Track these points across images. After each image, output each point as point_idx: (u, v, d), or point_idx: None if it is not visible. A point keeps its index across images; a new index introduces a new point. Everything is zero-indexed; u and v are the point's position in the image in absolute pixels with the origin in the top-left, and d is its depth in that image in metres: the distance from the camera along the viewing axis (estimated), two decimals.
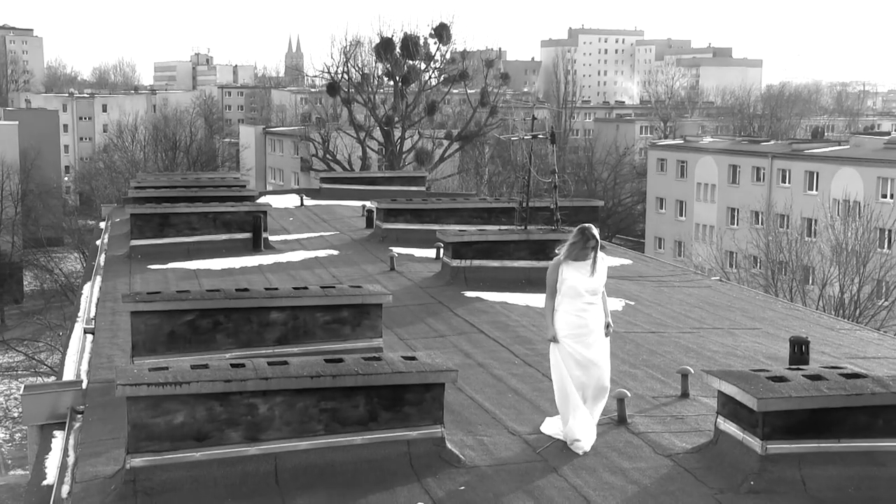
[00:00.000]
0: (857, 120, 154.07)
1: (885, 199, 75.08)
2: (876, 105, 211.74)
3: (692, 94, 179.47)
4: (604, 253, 10.91)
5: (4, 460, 59.08)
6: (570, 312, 10.37)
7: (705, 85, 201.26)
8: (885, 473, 9.42)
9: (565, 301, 10.40)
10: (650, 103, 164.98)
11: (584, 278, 10.38)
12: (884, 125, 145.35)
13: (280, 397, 9.61)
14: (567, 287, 10.39)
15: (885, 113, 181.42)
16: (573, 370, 10.36)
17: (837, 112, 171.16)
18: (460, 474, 9.74)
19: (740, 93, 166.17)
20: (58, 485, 9.94)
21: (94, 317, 17.46)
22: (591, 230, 10.53)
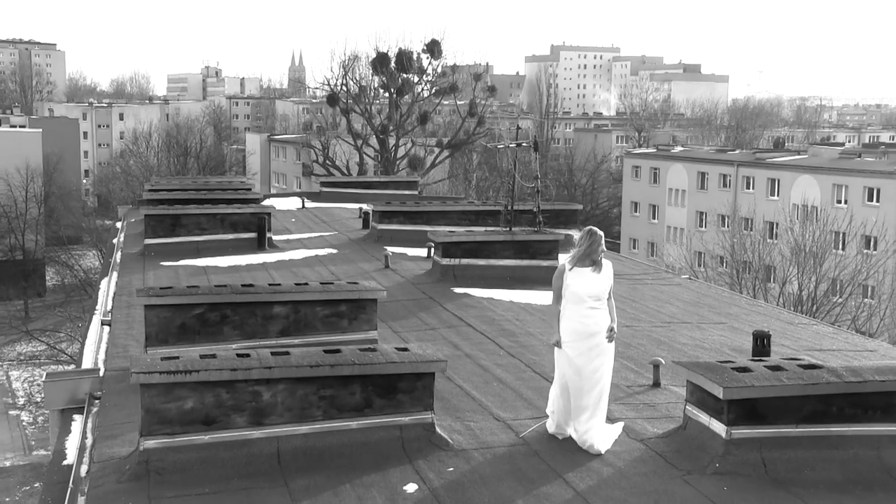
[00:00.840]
0: (814, 132, 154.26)
1: (839, 204, 75.30)
2: (832, 118, 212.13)
3: (664, 107, 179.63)
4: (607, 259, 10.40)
5: (28, 441, 59.01)
6: (574, 318, 10.01)
7: (676, 98, 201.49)
8: (838, 456, 9.44)
9: (569, 306, 10.05)
10: (626, 115, 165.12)
11: (588, 284, 9.98)
12: (838, 137, 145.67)
13: (282, 385, 9.61)
14: (570, 293, 10.03)
15: (839, 125, 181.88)
16: (573, 374, 10.01)
17: (797, 124, 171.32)
18: (449, 457, 9.74)
19: (708, 106, 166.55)
20: (77, 464, 9.94)
21: (110, 310, 17.44)
22: (597, 234, 10.18)
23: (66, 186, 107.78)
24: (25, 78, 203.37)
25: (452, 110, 68.44)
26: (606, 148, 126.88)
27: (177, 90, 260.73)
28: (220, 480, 9.09)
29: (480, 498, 8.79)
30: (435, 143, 67.48)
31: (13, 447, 58.88)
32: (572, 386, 10.01)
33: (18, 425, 62.60)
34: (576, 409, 10.02)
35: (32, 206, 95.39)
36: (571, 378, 10.01)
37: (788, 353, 13.61)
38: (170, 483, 9.03)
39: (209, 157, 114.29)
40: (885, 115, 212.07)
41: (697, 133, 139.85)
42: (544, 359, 13.72)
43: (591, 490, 8.98)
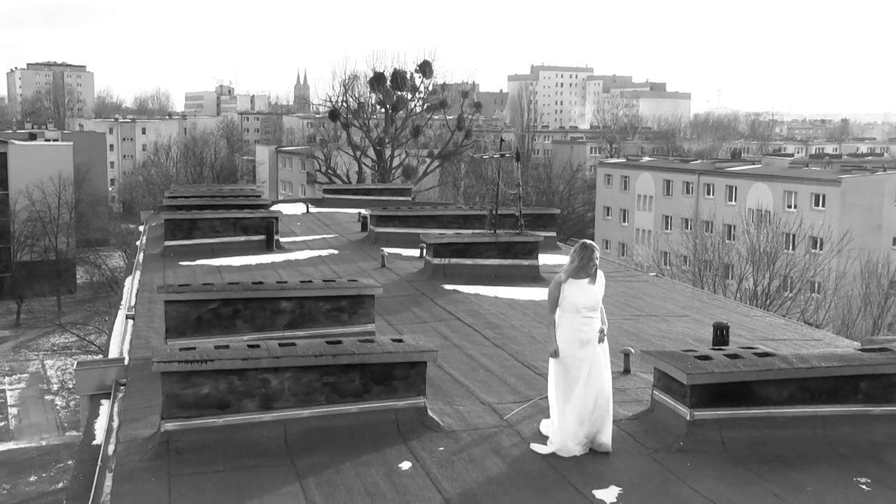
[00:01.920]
0: (767, 144, 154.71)
1: (790, 208, 75.48)
2: (782, 132, 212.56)
3: (633, 121, 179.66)
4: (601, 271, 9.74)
5: (62, 423, 59.10)
6: (571, 327, 9.37)
7: (644, 113, 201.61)
8: (788, 434, 9.47)
9: (565, 316, 9.42)
10: (599, 128, 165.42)
11: (585, 295, 9.38)
12: (788, 148, 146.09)
13: (289, 373, 9.60)
14: (568, 303, 9.40)
15: (789, 138, 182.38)
16: (572, 383, 9.32)
17: (751, 137, 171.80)
18: (440, 438, 9.73)
19: (673, 120, 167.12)
20: (105, 444, 9.93)
21: (134, 305, 17.40)
22: (592, 247, 9.55)
23: (94, 194, 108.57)
24: (58, 97, 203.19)
25: (442, 124, 68.42)
26: (581, 158, 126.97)
27: (193, 107, 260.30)
28: (233, 459, 9.08)
29: (468, 474, 8.78)
30: (426, 153, 67.49)
31: (48, 428, 59.18)
32: (575, 394, 9.29)
33: (53, 409, 62.85)
34: (601, 412, 9.33)
35: (64, 211, 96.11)
36: (571, 386, 9.33)
37: (745, 342, 13.62)
38: (188, 461, 9.03)
39: (223, 167, 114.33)
40: (828, 130, 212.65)
41: (663, 145, 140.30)
42: (526, 349, 13.73)
43: (568, 467, 8.98)
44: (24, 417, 61.50)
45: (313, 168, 72.28)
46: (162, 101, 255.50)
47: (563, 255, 24.76)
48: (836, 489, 8.58)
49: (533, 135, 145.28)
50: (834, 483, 8.71)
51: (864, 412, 9.76)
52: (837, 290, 56.65)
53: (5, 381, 69.45)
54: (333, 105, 66.13)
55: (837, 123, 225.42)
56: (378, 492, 8.37)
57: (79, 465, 10.31)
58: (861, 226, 70.07)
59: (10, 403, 64.29)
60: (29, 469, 52.35)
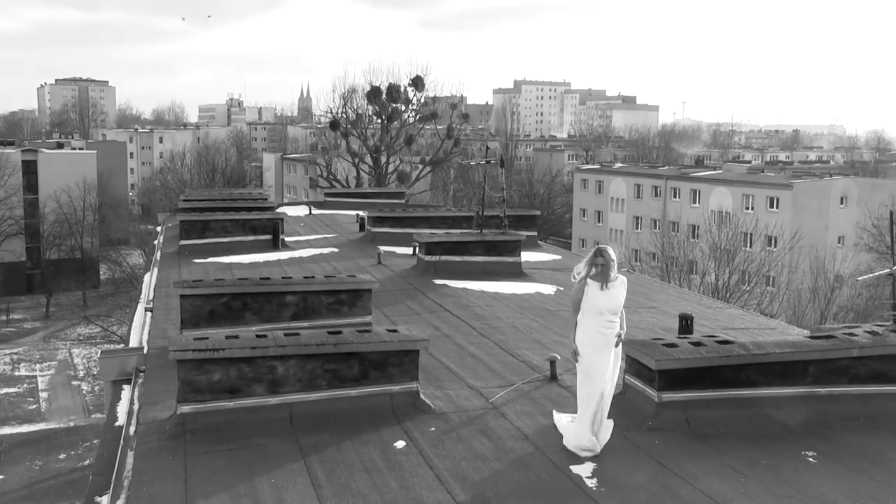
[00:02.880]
0: (727, 152, 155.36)
1: (748, 210, 75.81)
2: (741, 141, 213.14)
3: (607, 131, 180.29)
4: (622, 275, 9.05)
5: (87, 406, 59.09)
6: (592, 329, 8.69)
7: (616, 124, 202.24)
8: (746, 414, 9.50)
9: (587, 318, 8.74)
10: (575, 137, 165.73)
11: (608, 299, 8.68)
12: (746, 156, 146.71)
13: (293, 360, 9.59)
14: (591, 306, 8.70)
15: (747, 147, 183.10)
16: (591, 387, 8.75)
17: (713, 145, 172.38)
18: (431, 419, 9.74)
19: (642, 130, 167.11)
20: (126, 425, 9.93)
21: (152, 299, 17.37)
22: (601, 251, 8.87)
23: (115, 197, 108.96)
24: (83, 109, 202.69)
25: (433, 134, 68.32)
26: (560, 164, 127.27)
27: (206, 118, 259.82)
28: (243, 438, 9.07)
29: (457, 452, 8.79)
30: (419, 160, 67.50)
31: (75, 410, 59.32)
32: (592, 393, 8.77)
33: (79, 393, 62.97)
34: (590, 411, 8.82)
35: (89, 213, 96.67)
36: (588, 384, 8.79)
37: (707, 331, 13.65)
38: (202, 441, 9.01)
39: (233, 173, 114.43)
40: (782, 139, 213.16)
41: (633, 152, 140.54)
42: (510, 338, 13.74)
43: (548, 445, 9.00)
44: (54, 401, 61.71)
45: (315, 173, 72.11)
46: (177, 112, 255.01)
47: (544, 252, 24.82)
48: (786, 462, 8.63)
49: (516, 143, 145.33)
50: (785, 457, 8.76)
51: (813, 393, 9.81)
52: (789, 284, 56.92)
53: (36, 368, 69.76)
54: (334, 116, 66.07)
55: (789, 134, 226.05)
56: (375, 468, 8.38)
57: (103, 445, 10.31)
58: (810, 226, 70.42)
59: (41, 388, 64.61)
60: (59, 447, 52.59)
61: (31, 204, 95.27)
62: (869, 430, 9.49)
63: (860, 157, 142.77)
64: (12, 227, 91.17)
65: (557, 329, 14.42)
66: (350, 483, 8.02)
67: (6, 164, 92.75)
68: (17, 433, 55.10)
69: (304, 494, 7.77)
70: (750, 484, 8.05)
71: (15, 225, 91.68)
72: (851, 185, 79.62)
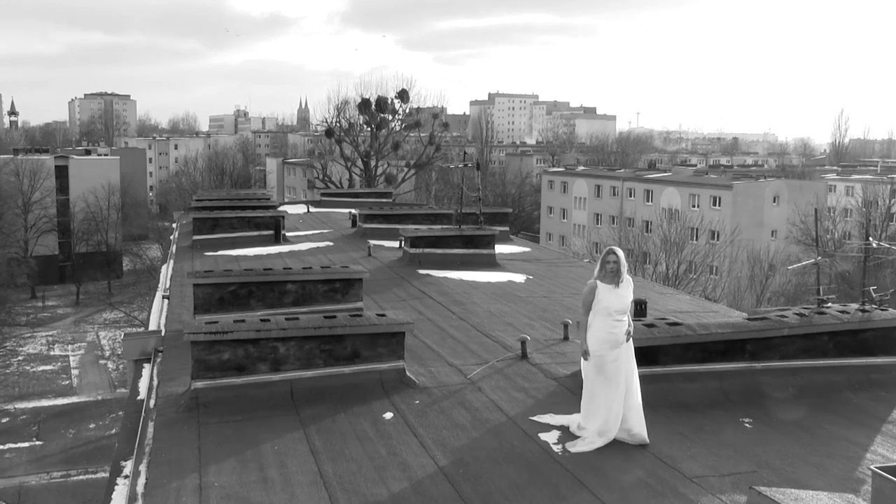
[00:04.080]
0: (676, 156, 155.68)
1: (694, 208, 76.15)
2: (688, 146, 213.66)
3: (570, 138, 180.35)
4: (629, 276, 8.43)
5: (112, 382, 59.21)
6: (603, 329, 8.11)
7: (579, 131, 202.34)
8: (693, 386, 9.54)
9: (598, 319, 8.13)
10: (543, 143, 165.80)
11: (616, 299, 8.11)
12: (692, 160, 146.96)
13: (293, 341, 9.57)
14: (602, 307, 8.10)
15: (693, 152, 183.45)
16: (602, 384, 8.17)
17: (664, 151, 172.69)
18: (416, 393, 9.73)
19: (602, 137, 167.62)
20: (147, 399, 9.91)
21: (168, 287, 17.28)
22: (610, 252, 8.26)
23: (136, 198, 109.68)
24: (108, 120, 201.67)
25: (417, 140, 68.08)
26: (529, 168, 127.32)
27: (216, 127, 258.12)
28: (249, 411, 9.05)
29: (438, 422, 8.79)
30: (404, 164, 67.29)
31: (102, 386, 59.76)
32: (604, 389, 8.17)
33: (106, 370, 63.28)
34: (628, 409, 8.15)
35: (113, 212, 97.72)
36: (600, 382, 8.19)
37: (659, 314, 13.69)
38: (213, 413, 8.99)
39: (239, 176, 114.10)
40: (723, 145, 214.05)
41: (594, 157, 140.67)
42: (485, 321, 13.75)
43: (519, 415, 9.01)
44: (84, 377, 62.25)
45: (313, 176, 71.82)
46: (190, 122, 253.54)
47: (515, 245, 24.82)
48: (727, 427, 8.70)
49: (490, 149, 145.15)
50: (726, 423, 8.83)
51: (750, 367, 9.87)
52: (730, 273, 57.23)
53: (68, 348, 70.33)
54: (329, 125, 65.85)
55: (730, 141, 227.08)
56: (366, 437, 8.36)
57: (127, 416, 10.28)
58: (747, 221, 70.83)
59: (73, 366, 65.27)
60: (88, 418, 53.12)
61: (62, 204, 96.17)
62: (796, 399, 9.58)
63: (790, 162, 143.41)
64: (47, 224, 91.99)
65: (528, 313, 14.44)
66: (344, 450, 8.00)
67: (41, 169, 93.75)
68: (52, 405, 55.75)
69: (304, 460, 7.75)
70: (695, 447, 8.09)
71: (49, 222, 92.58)
72: (782, 186, 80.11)
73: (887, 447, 8.23)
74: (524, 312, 14.48)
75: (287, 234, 24.76)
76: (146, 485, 7.27)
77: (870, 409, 9.33)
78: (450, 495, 7.00)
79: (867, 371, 10.16)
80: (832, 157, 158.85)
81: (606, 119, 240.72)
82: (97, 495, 27.52)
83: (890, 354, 10.32)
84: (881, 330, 10.29)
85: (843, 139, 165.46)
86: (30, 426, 51.83)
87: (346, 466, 7.59)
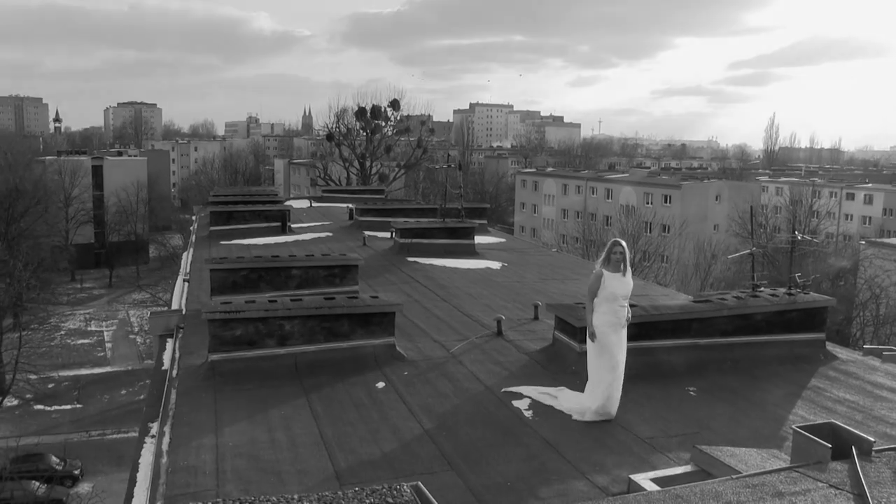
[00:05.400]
0: (632, 160, 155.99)
1: (648, 205, 76.34)
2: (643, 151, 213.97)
3: (541, 143, 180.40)
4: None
5: (141, 355, 59.15)
6: (609, 313, 7.80)
7: (548, 137, 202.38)
8: (647, 360, 9.56)
9: (604, 304, 7.81)
10: (517, 147, 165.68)
11: (621, 286, 7.83)
12: (647, 163, 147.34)
13: (298, 320, 9.53)
14: (608, 293, 7.77)
15: (647, 156, 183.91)
16: (606, 363, 7.88)
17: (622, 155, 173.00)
18: (405, 365, 9.72)
19: (568, 142, 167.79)
20: (170, 369, 9.86)
21: (189, 272, 17.18)
22: (616, 243, 7.93)
23: (161, 193, 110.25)
24: (138, 126, 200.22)
25: (407, 144, 67.94)
26: (504, 169, 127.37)
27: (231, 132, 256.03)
28: (259, 380, 9.02)
29: (425, 390, 8.79)
30: (395, 164, 67.13)
31: (131, 357, 60.12)
32: (620, 372, 7.92)
33: (135, 344, 63.49)
34: (611, 383, 7.94)
35: (141, 206, 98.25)
36: (611, 359, 7.88)
37: None
38: (228, 381, 8.95)
39: (251, 175, 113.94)
40: (673, 151, 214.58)
41: (562, 160, 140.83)
42: (465, 303, 13.73)
43: (495, 384, 9.02)
44: (116, 350, 62.58)
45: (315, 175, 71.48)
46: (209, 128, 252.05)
47: (492, 237, 24.81)
48: (674, 395, 8.73)
49: (470, 152, 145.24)
50: (673, 391, 8.86)
51: (695, 343, 9.90)
52: (678, 261, 57.47)
53: (103, 325, 70.88)
54: (329, 130, 65.65)
55: (678, 147, 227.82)
56: (361, 403, 8.35)
57: (153, 384, 10.25)
58: (694, 217, 71.10)
59: (107, 340, 65.84)
60: (120, 385, 53.69)
61: (97, 199, 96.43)
62: (733, 371, 9.63)
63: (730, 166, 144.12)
64: (84, 216, 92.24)
65: (503, 296, 14.43)
66: (342, 415, 7.98)
67: (80, 168, 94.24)
68: (90, 374, 56.43)
69: (307, 423, 7.73)
70: (646, 412, 8.12)
71: (86, 215, 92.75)
72: (724, 186, 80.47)
73: (806, 410, 8.32)
74: (500, 295, 14.48)
75: (292, 226, 24.65)
76: (170, 443, 7.24)
77: (794, 379, 9.41)
78: (434, 454, 7.00)
79: (792, 346, 10.24)
80: (765, 161, 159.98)
81: (572, 127, 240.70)
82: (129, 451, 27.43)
83: (811, 331, 10.40)
84: (804, 311, 10.37)
85: (774, 146, 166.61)
86: (71, 391, 52.27)
87: (344, 429, 7.57)
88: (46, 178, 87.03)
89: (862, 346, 22.68)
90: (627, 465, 6.70)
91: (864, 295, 44.61)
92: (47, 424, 46.59)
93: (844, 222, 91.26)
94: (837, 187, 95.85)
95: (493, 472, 6.60)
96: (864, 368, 9.87)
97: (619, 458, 6.90)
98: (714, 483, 5.09)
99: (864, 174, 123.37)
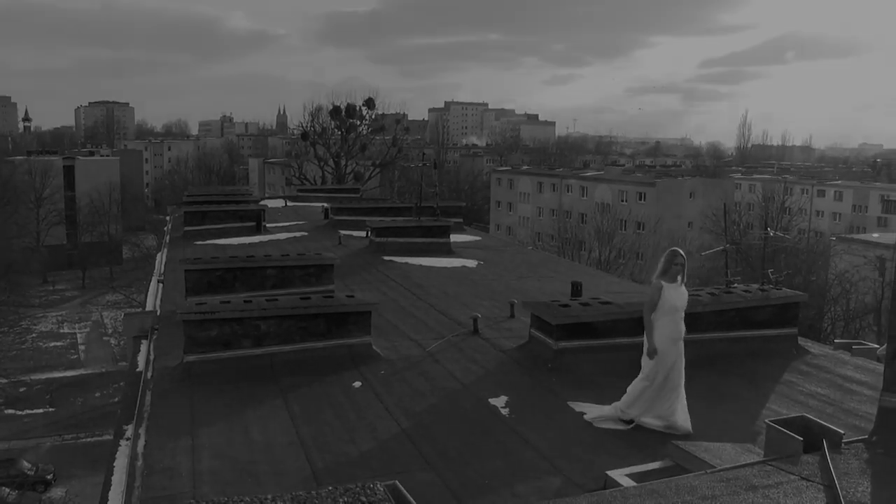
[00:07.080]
0: (607, 157, 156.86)
1: (623, 202, 76.80)
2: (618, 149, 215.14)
3: (516, 141, 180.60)
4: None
5: (115, 356, 58.70)
6: (669, 326, 7.44)
7: (523, 136, 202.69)
8: (620, 356, 9.60)
9: (664, 318, 7.43)
10: (492, 146, 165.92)
11: (679, 297, 7.51)
12: (622, 161, 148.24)
13: (273, 320, 9.49)
14: (669, 306, 7.41)
15: (622, 154, 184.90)
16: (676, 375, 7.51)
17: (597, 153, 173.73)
18: (381, 364, 9.70)
19: (543, 141, 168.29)
20: (145, 371, 9.77)
21: (163, 272, 17.03)
22: (676, 253, 7.68)
23: (134, 194, 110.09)
24: (110, 125, 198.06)
25: (382, 142, 67.80)
26: (480, 167, 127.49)
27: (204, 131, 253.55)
28: (235, 381, 8.95)
29: (401, 389, 8.78)
30: (370, 163, 66.98)
31: (105, 359, 59.82)
32: (674, 382, 7.52)
33: (109, 346, 63.19)
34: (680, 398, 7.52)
35: (114, 206, 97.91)
36: (674, 375, 7.51)
37: (593, 295, 13.78)
38: (203, 383, 8.88)
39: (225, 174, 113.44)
40: (647, 148, 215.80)
41: (537, 158, 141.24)
42: (441, 302, 13.74)
43: (472, 383, 9.03)
44: (90, 352, 62.11)
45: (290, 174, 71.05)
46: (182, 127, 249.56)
47: (468, 235, 24.84)
48: None
49: (446, 150, 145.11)
50: None
51: None
52: (653, 258, 57.82)
53: (76, 326, 70.26)
54: (304, 129, 65.35)
55: (653, 144, 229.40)
56: (338, 403, 8.33)
57: (128, 386, 10.14)
58: (668, 214, 71.66)
59: (80, 342, 65.28)
60: (94, 388, 53.18)
61: (69, 199, 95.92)
62: (708, 366, 9.69)
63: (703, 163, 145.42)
64: (56, 217, 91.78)
65: (479, 294, 14.45)
66: (319, 415, 7.96)
67: (51, 168, 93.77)
68: (62, 377, 55.78)
69: (283, 423, 7.69)
70: None
71: (58, 216, 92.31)
72: (698, 183, 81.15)
73: (780, 404, 8.41)
74: (476, 293, 14.51)
75: (267, 225, 24.50)
76: (145, 446, 7.18)
77: (767, 373, 9.51)
78: (411, 453, 7.00)
79: (765, 341, 10.35)
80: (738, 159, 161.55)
81: (547, 125, 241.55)
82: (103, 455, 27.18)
83: (784, 327, 10.53)
84: (777, 307, 10.49)
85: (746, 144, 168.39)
86: (44, 395, 51.70)
87: (321, 429, 7.55)
88: (16, 179, 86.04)
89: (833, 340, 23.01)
90: (604, 462, 6.74)
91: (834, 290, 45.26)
92: (19, 429, 46.05)
93: (815, 219, 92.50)
94: (808, 184, 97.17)
95: (470, 470, 6.61)
96: (835, 362, 10.01)
97: (595, 455, 6.94)
98: (689, 478, 5.14)
99: (835, 171, 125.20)
